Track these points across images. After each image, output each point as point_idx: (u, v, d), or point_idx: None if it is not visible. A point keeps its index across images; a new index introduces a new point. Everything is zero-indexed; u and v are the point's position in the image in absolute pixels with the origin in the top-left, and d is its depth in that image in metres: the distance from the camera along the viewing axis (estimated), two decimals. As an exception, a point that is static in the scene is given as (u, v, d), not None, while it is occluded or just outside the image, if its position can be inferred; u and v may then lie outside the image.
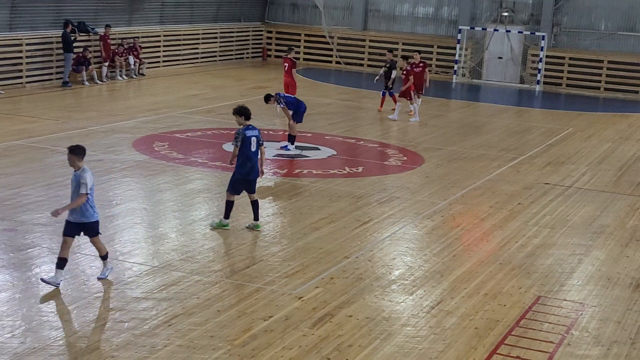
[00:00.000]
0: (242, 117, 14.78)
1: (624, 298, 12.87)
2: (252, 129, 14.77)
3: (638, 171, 21.85)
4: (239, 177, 14.85)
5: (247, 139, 14.66)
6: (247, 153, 14.71)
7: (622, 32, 37.43)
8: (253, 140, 14.71)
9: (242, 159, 14.72)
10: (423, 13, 40.53)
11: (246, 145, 14.67)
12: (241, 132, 14.64)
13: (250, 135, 14.70)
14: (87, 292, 11.80)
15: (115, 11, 33.53)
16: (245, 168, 14.77)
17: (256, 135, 14.78)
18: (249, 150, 14.71)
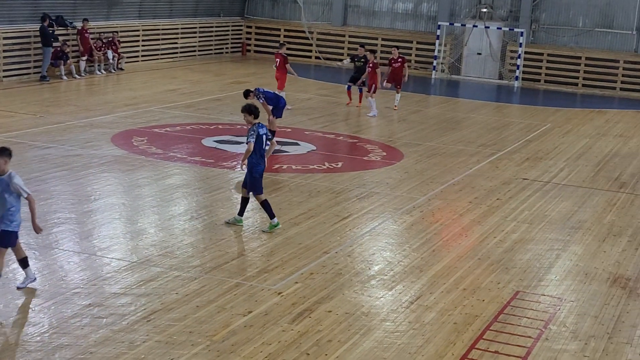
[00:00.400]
0: (252, 116, 14.66)
1: (601, 293, 12.95)
2: (262, 126, 14.69)
3: (615, 167, 21.98)
4: (257, 176, 14.72)
5: (260, 136, 14.53)
6: (261, 151, 14.62)
7: (599, 28, 37.61)
8: (264, 138, 14.65)
9: (257, 157, 14.61)
10: (402, 9, 40.57)
11: (260, 143, 14.55)
12: (255, 130, 14.51)
13: (262, 133, 14.61)
14: (65, 287, 11.74)
15: (94, 5, 33.37)
16: (261, 166, 14.70)
17: (265, 133, 14.72)
18: (262, 147, 14.62)
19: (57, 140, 20.50)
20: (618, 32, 37.33)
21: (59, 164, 18.34)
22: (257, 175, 14.72)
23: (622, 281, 13.53)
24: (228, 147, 21.20)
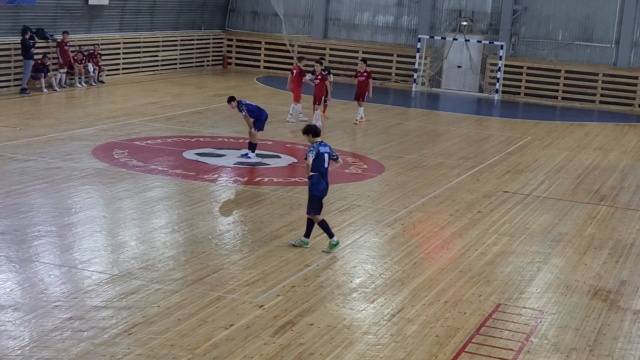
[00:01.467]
0: (310, 135, 14.52)
1: (583, 305, 13.00)
2: (323, 145, 14.54)
3: (595, 180, 22.10)
4: (317, 195, 14.54)
5: (320, 154, 14.40)
6: (321, 169, 14.47)
7: (578, 42, 37.86)
8: (325, 156, 14.47)
9: (317, 176, 14.46)
10: (383, 22, 40.69)
11: (320, 162, 14.41)
12: (315, 147, 14.38)
13: (324, 151, 14.46)
14: (45, 300, 11.68)
15: (75, 18, 33.28)
16: (321, 185, 14.52)
17: (328, 152, 14.54)
18: (322, 166, 14.47)
19: (37, 153, 20.42)
20: (597, 46, 37.59)
21: (40, 177, 18.26)
22: (317, 194, 14.51)
23: (603, 294, 13.58)
24: (209, 160, 21.16)
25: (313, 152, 14.35)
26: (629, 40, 36.85)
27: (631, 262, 15.34)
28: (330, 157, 14.60)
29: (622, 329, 12.17)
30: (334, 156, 14.70)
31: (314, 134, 14.59)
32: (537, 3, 38.14)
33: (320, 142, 14.57)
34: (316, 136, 14.58)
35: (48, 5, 31.74)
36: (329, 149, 14.66)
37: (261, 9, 42.42)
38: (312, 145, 14.45)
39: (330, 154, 14.61)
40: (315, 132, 14.65)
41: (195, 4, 40.46)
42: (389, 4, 40.36)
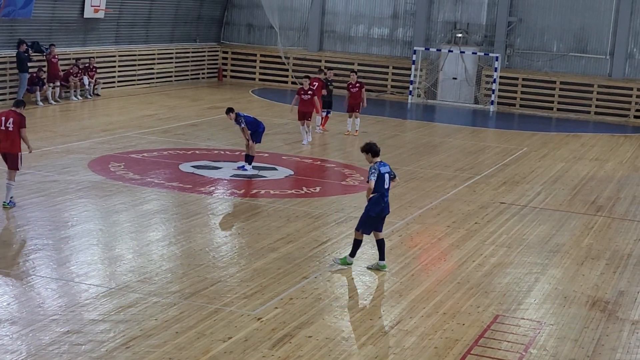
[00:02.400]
0: (370, 154, 14.18)
1: (581, 316, 12.98)
2: (383, 165, 14.26)
3: (592, 190, 22.10)
4: (374, 215, 14.25)
5: (381, 175, 14.11)
6: (381, 190, 14.16)
7: (573, 53, 37.93)
8: (386, 177, 14.20)
9: (377, 196, 14.16)
10: (378, 34, 40.76)
11: (380, 182, 14.10)
12: (377, 168, 14.08)
13: (384, 172, 14.18)
14: (42, 314, 11.63)
15: (70, 31, 33.30)
16: (379, 206, 14.21)
17: (388, 172, 14.28)
18: (383, 187, 14.16)
19: (33, 166, 20.38)
20: (592, 57, 37.67)
21: (36, 190, 18.22)
22: (373, 215, 14.23)
23: (601, 304, 13.57)
24: (205, 173, 21.14)
25: (375, 175, 14.01)
26: (623, 52, 36.94)
27: (629, 273, 15.33)
28: (390, 177, 14.32)
29: (621, 339, 12.15)
30: (392, 175, 14.43)
31: (373, 154, 14.18)
32: (531, 15, 38.24)
33: (380, 162, 14.23)
34: (376, 155, 14.20)
35: (43, 19, 31.76)
36: (389, 167, 14.35)
37: (256, 22, 42.48)
38: (373, 166, 14.09)
39: (390, 174, 14.32)
40: (375, 151, 14.21)
41: (191, 16, 40.51)
42: (384, 16, 40.45)
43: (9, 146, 16.93)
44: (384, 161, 14.40)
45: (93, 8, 33.53)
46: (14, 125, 16.83)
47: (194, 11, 40.62)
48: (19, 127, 16.85)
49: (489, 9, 38.68)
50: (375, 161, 14.22)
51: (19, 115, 16.95)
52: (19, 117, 16.92)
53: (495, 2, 38.42)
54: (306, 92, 26.04)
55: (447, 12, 39.34)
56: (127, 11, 36.24)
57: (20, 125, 16.85)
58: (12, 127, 16.83)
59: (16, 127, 16.82)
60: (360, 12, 40.75)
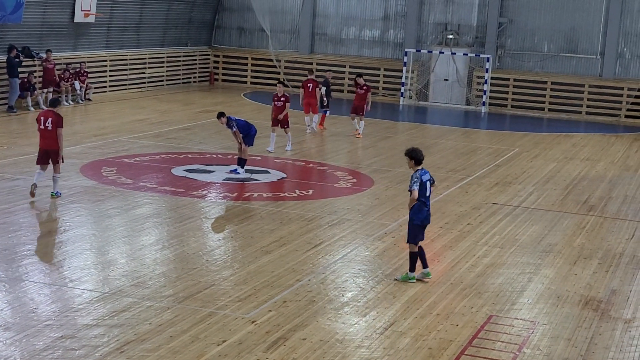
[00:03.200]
0: (413, 161, 13.89)
1: (574, 315, 13.01)
2: (424, 172, 13.96)
3: (583, 190, 22.16)
4: (418, 224, 14.00)
5: (423, 183, 13.85)
6: (423, 198, 13.89)
7: (564, 53, 38.03)
8: (428, 184, 13.97)
9: (419, 204, 13.92)
10: (369, 36, 40.80)
11: (422, 190, 13.83)
12: (419, 177, 13.83)
13: (426, 180, 13.92)
14: (36, 320, 11.62)
15: (60, 36, 33.27)
16: (422, 214, 13.97)
17: (429, 179, 14.03)
18: (424, 195, 13.90)
19: (25, 172, 20.34)
20: (583, 57, 37.77)
21: (28, 196, 18.17)
22: (418, 223, 13.97)
23: (593, 303, 13.60)
24: (198, 176, 21.14)
25: (417, 184, 13.76)
26: (614, 51, 37.04)
27: (621, 272, 15.38)
28: (431, 184, 14.10)
29: (614, 338, 12.19)
30: (432, 181, 14.17)
31: (417, 162, 13.90)
32: (522, 15, 38.33)
33: (422, 169, 13.94)
34: (418, 164, 13.92)
35: (34, 24, 31.72)
36: (429, 175, 14.09)
37: (247, 25, 42.49)
38: (415, 175, 13.81)
39: (430, 181, 14.07)
40: (419, 159, 13.92)
41: (181, 20, 40.50)
42: (375, 18, 40.50)
43: (49, 144, 18.20)
44: (424, 168, 14.06)
45: (83, 12, 33.50)
46: (52, 124, 18.08)
47: (185, 15, 40.62)
48: (57, 126, 18.08)
49: (479, 10, 38.76)
50: (417, 169, 13.90)
51: (57, 115, 18.22)
52: (57, 117, 18.18)
53: (485, 3, 38.51)
54: (279, 99, 25.06)
55: (437, 14, 39.40)
56: (117, 15, 36.23)
57: (58, 125, 18.11)
58: (51, 126, 18.08)
59: (54, 126, 18.07)
60: (351, 15, 40.80)
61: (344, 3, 40.78)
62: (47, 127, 18.13)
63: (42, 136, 18.27)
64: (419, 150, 14.08)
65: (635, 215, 19.82)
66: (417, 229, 14.07)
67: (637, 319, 13.02)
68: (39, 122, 18.25)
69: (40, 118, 18.27)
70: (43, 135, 18.22)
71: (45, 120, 18.16)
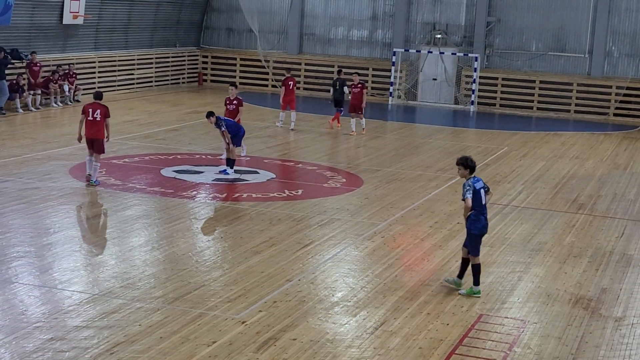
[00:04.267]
0: (467, 170, 13.63)
1: (564, 314, 13.04)
2: (477, 180, 13.69)
3: (573, 189, 22.20)
4: (477, 234, 13.67)
5: (477, 191, 13.58)
6: (479, 207, 13.58)
7: (552, 52, 38.11)
8: (482, 192, 13.66)
9: (475, 213, 13.60)
10: (358, 36, 40.81)
11: (477, 199, 13.55)
12: (471, 184, 13.54)
13: (479, 187, 13.64)
14: (26, 322, 11.58)
15: (49, 37, 33.18)
16: (480, 223, 13.64)
17: (483, 187, 13.73)
18: (480, 203, 13.58)
19: (14, 174, 20.29)
20: (571, 56, 37.86)
21: (17, 197, 18.14)
22: (476, 233, 13.64)
23: (584, 302, 13.63)
24: (187, 177, 21.11)
25: (471, 192, 13.48)
26: (601, 50, 37.14)
27: (611, 270, 15.41)
28: (485, 192, 13.76)
29: (604, 336, 12.21)
30: (486, 189, 13.84)
31: (471, 170, 13.63)
32: (510, 15, 38.40)
33: (474, 177, 13.67)
34: (471, 171, 13.66)
35: (22, 26, 31.63)
36: (482, 182, 13.82)
37: (236, 26, 42.45)
38: (468, 182, 13.54)
39: (484, 188, 13.78)
40: (471, 167, 13.64)
41: (170, 21, 40.44)
42: (363, 18, 40.51)
43: (95, 133, 19.63)
44: (477, 176, 13.85)
45: (72, 14, 33.42)
46: (100, 115, 19.65)
47: (173, 16, 40.56)
48: (105, 116, 19.68)
49: (467, 10, 38.82)
50: (470, 177, 13.66)
51: (104, 107, 19.82)
52: (104, 108, 19.78)
53: (473, 3, 38.56)
54: (231, 102, 23.75)
55: (426, 13, 39.45)
56: (106, 17, 36.15)
57: (106, 115, 19.75)
58: (100, 117, 19.61)
59: (102, 117, 19.63)
60: (339, 15, 40.80)
61: (332, 3, 40.78)
62: (96, 118, 19.57)
63: (88, 126, 19.64)
64: (470, 158, 13.81)
65: (624, 213, 19.88)
66: (477, 239, 13.74)
67: (628, 317, 13.06)
68: (87, 114, 19.64)
69: (88, 110, 19.67)
70: (90, 126, 19.62)
71: (93, 111, 19.62)
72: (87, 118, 19.67)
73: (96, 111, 19.66)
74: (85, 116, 19.70)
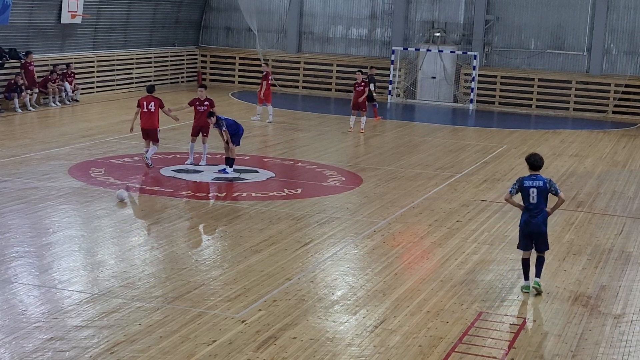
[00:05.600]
0: (528, 166, 13.83)
1: (564, 312, 13.04)
2: (533, 178, 13.63)
3: (572, 186, 22.21)
4: (519, 226, 13.91)
5: (524, 189, 13.61)
6: (524, 203, 13.72)
7: (551, 50, 38.11)
8: (532, 191, 13.55)
9: (522, 209, 13.83)
10: (357, 35, 40.80)
11: (523, 196, 13.67)
12: (519, 180, 13.73)
13: (529, 185, 13.59)
14: (25, 322, 11.59)
15: (47, 37, 33.17)
16: (521, 219, 13.82)
17: (538, 187, 13.55)
18: (526, 200, 13.64)
19: (13, 174, 20.29)
20: (569, 54, 37.86)
21: (16, 197, 18.15)
22: (520, 227, 13.89)
23: (583, 299, 13.64)
24: (186, 176, 21.12)
25: (514, 188, 13.69)
26: (600, 48, 37.14)
27: (610, 267, 15.42)
28: (540, 193, 13.60)
29: (604, 333, 12.22)
30: (549, 190, 13.64)
31: (530, 166, 13.77)
32: (509, 13, 38.40)
33: (531, 175, 13.69)
34: (532, 169, 13.73)
35: (20, 25, 31.62)
36: (543, 182, 13.61)
37: (234, 25, 42.44)
38: (518, 179, 13.78)
39: (541, 189, 13.58)
40: (532, 164, 13.75)
41: (169, 20, 40.43)
42: (362, 17, 40.51)
43: (150, 123, 21.41)
44: (540, 175, 13.73)
45: (70, 13, 33.40)
46: (155, 106, 21.47)
47: (172, 15, 40.55)
48: (159, 107, 21.54)
49: (466, 8, 38.82)
50: (529, 174, 13.76)
51: (157, 99, 21.64)
52: (158, 100, 21.62)
53: (472, 1, 38.56)
54: (202, 103, 22.90)
55: (424, 12, 39.44)
56: (104, 16, 36.13)
57: (160, 106, 21.58)
58: (154, 108, 21.44)
59: (157, 108, 21.46)
60: (338, 13, 40.80)
61: (331, 2, 40.77)
62: (150, 110, 21.38)
63: (144, 118, 21.40)
64: (535, 155, 13.87)
65: (623, 210, 19.88)
66: (520, 234, 13.89)
67: (627, 315, 13.07)
68: (142, 106, 21.45)
69: (143, 102, 21.49)
70: (146, 117, 21.39)
71: (148, 104, 21.44)
72: (142, 110, 21.29)
73: (150, 103, 21.34)
74: (141, 109, 21.35)
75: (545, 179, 13.72)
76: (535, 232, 13.72)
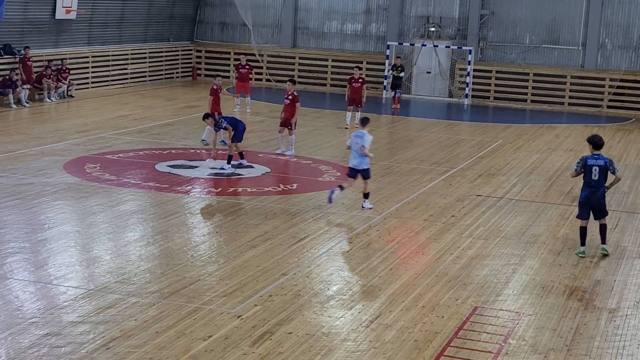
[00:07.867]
0: (591, 146, 15.51)
1: (559, 306, 13.07)
2: (596, 158, 15.33)
3: (567, 181, 22.22)
4: (581, 201, 15.54)
5: (587, 166, 15.27)
6: (587, 180, 15.35)
7: (546, 45, 38.14)
8: (595, 169, 15.22)
9: (583, 185, 15.47)
10: (351, 30, 40.81)
11: (586, 173, 15.32)
12: (583, 159, 15.37)
13: (592, 164, 15.26)
14: (21, 317, 11.59)
15: (42, 32, 33.13)
16: (583, 193, 15.48)
17: (600, 165, 15.23)
18: (590, 178, 15.29)
19: (8, 170, 20.28)
20: (564, 48, 37.91)
21: (11, 193, 18.14)
22: (581, 200, 15.58)
23: (578, 293, 13.67)
24: (182, 172, 21.11)
25: (579, 165, 15.42)
26: (595, 42, 37.18)
27: (605, 262, 15.46)
28: (601, 171, 15.24)
29: (599, 327, 12.26)
30: (609, 169, 15.37)
31: (594, 145, 15.51)
32: (503, 7, 38.43)
33: (594, 154, 15.40)
34: (595, 148, 15.47)
35: (15, 21, 31.58)
36: (604, 161, 15.30)
37: (229, 20, 42.42)
38: (582, 157, 15.51)
39: (602, 167, 15.24)
40: (595, 143, 15.53)
41: (163, 16, 40.40)
42: (357, 12, 40.51)
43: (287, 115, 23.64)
44: (602, 154, 15.42)
45: (65, 9, 33.37)
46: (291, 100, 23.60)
47: (167, 10, 40.52)
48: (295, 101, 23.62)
49: (461, 3, 38.85)
50: (591, 153, 15.40)
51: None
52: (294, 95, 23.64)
53: (467, -4, 38.57)
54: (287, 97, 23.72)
55: (419, 7, 39.46)
56: (99, 11, 36.10)
57: (295, 100, 23.67)
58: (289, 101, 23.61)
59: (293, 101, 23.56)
60: (333, 8, 40.80)
61: (326, -3, 40.78)
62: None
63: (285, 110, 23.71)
64: (597, 136, 15.66)
65: (618, 205, 19.92)
66: (580, 206, 15.57)
67: (622, 309, 13.10)
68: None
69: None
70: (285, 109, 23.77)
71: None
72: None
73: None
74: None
75: (606, 158, 15.44)
76: (596, 205, 15.41)
